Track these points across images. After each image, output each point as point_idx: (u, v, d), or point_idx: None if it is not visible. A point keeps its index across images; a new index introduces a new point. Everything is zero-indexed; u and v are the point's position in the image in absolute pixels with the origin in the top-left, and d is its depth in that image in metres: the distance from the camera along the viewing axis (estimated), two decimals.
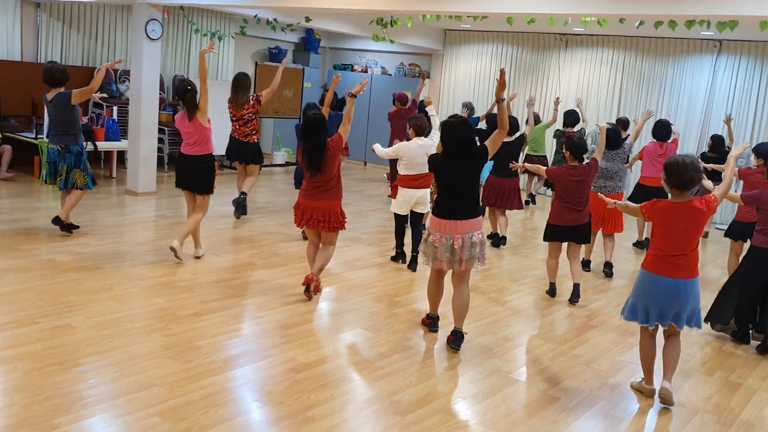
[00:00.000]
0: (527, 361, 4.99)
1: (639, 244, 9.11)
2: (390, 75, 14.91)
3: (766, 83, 11.08)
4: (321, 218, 5.68)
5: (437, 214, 4.92)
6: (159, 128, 10.44)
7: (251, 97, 8.37)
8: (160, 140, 11.05)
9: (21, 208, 8.15)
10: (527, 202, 11.50)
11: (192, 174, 6.49)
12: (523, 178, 11.82)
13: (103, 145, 10.27)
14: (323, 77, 15.62)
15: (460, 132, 4.82)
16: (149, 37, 9.23)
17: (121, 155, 11.02)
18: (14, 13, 10.49)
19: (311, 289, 5.75)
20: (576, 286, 6.42)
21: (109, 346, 4.52)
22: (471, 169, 4.86)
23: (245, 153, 8.50)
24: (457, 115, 5.02)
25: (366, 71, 15.05)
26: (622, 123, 9.87)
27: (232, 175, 11.62)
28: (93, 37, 11.38)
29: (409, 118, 7.19)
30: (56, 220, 7.04)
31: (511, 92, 13.42)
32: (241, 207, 8.40)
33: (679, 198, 4.19)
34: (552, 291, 6.55)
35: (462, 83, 14.06)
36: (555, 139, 10.89)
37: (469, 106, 11.18)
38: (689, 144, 11.67)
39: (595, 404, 4.35)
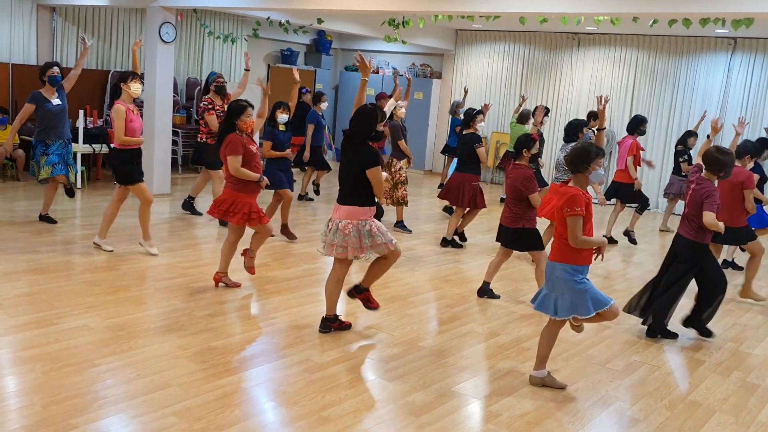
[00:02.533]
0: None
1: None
2: (401, 76, 14.89)
3: None
4: None
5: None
6: (173, 130, 10.50)
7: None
8: (174, 142, 11.11)
9: (37, 210, 8.21)
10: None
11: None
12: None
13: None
14: (335, 78, 15.66)
15: (354, 120, 4.89)
16: (163, 40, 9.29)
17: None
18: (30, 17, 10.60)
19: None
20: None
21: (126, 346, 4.55)
22: (354, 162, 4.81)
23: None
24: (374, 103, 5.07)
25: (377, 72, 15.07)
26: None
27: None
28: (107, 40, 11.48)
29: None
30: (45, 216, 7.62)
31: (523, 91, 13.41)
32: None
33: None
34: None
35: (474, 83, 14.03)
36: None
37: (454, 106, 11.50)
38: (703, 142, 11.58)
39: (610, 404, 4.34)
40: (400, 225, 8.80)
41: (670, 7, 6.04)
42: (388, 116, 7.22)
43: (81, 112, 9.66)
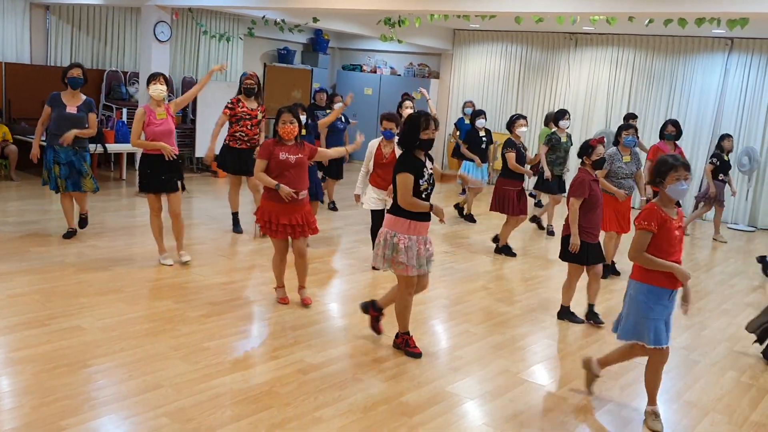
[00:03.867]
0: (536, 361, 4.97)
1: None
2: (399, 75, 14.90)
3: None
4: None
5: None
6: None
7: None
8: None
9: (31, 210, 8.20)
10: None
11: None
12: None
13: (113, 148, 10.31)
14: (332, 78, 15.64)
15: (401, 128, 4.68)
16: (158, 39, 9.28)
17: (131, 157, 11.07)
18: (23, 16, 10.56)
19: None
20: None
21: (118, 347, 4.53)
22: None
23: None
24: (423, 110, 4.81)
25: (375, 72, 15.06)
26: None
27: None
28: (102, 39, 11.45)
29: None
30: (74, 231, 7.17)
31: (520, 92, 13.40)
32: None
33: None
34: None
35: (471, 83, 14.03)
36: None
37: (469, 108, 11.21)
38: (701, 143, 11.60)
39: (604, 404, 4.32)
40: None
41: (665, 6, 6.03)
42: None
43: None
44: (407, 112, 8.49)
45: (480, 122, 9.43)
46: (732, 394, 4.65)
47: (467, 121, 10.94)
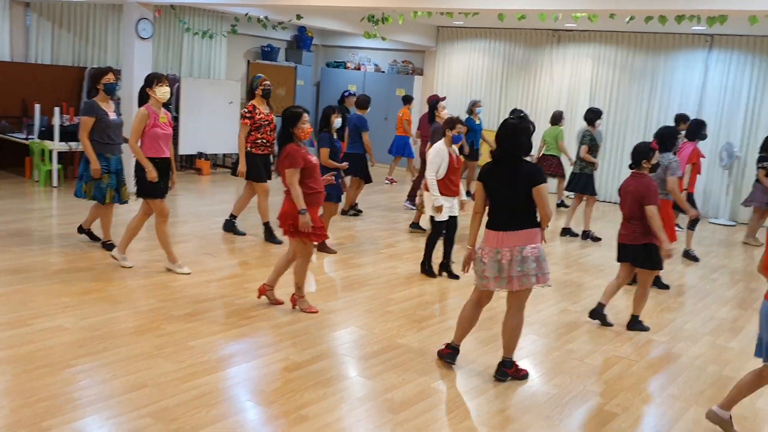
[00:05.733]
0: (521, 356, 4.98)
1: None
2: (383, 72, 14.89)
3: (757, 78, 11.12)
4: None
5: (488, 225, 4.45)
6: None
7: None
8: None
9: (13, 209, 8.12)
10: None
11: None
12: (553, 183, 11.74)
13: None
14: (316, 75, 15.61)
15: (505, 138, 4.36)
16: (140, 37, 9.20)
17: None
18: (3, 12, 10.43)
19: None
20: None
21: (101, 347, 4.50)
22: (517, 181, 4.33)
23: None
24: (516, 117, 4.53)
25: (359, 69, 15.04)
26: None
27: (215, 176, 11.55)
28: (84, 36, 11.34)
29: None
30: (86, 231, 6.97)
31: (503, 88, 13.45)
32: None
33: None
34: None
35: (455, 80, 14.05)
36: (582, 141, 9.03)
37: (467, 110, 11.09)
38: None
39: (588, 399, 4.35)
40: (416, 226, 8.65)
41: (645, 3, 6.07)
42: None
43: (57, 109, 9.53)
44: (444, 113, 8.43)
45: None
46: (714, 388, 4.70)
47: (477, 122, 10.93)
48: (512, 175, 4.29)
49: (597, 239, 8.98)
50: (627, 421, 4.11)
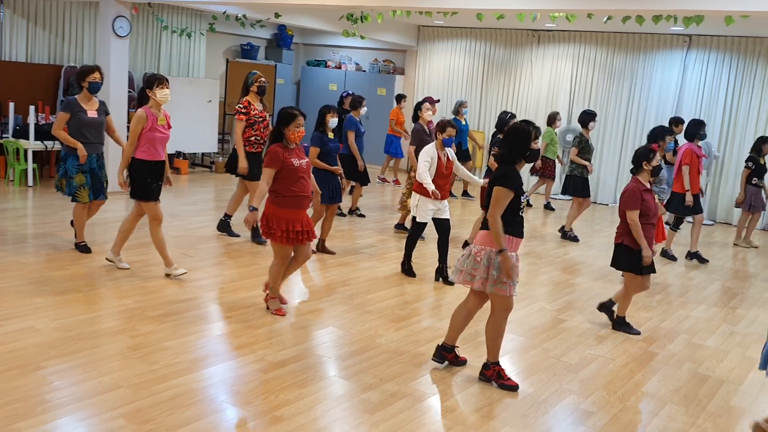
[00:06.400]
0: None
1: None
2: (364, 71, 14.87)
3: (735, 78, 11.23)
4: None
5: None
6: (128, 126, 10.29)
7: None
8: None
9: None
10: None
11: None
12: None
13: None
14: (296, 74, 15.55)
15: (506, 139, 4.39)
16: (117, 35, 9.11)
17: None
18: None
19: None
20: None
21: (74, 348, 4.44)
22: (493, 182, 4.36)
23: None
24: (527, 120, 4.54)
25: (340, 68, 15.01)
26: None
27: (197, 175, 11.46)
28: (59, 34, 11.19)
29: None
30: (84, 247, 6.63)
31: (484, 88, 13.49)
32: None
33: None
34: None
35: (436, 79, 14.06)
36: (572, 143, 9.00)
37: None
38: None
39: (564, 398, 4.37)
40: (401, 227, 8.59)
41: (622, 3, 6.11)
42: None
43: (32, 108, 9.41)
44: (427, 114, 8.42)
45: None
46: (689, 386, 4.73)
47: (463, 122, 10.95)
48: (495, 177, 4.32)
49: (575, 239, 9.01)
50: (603, 419, 4.12)
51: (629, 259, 5.51)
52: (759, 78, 11.05)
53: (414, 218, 6.60)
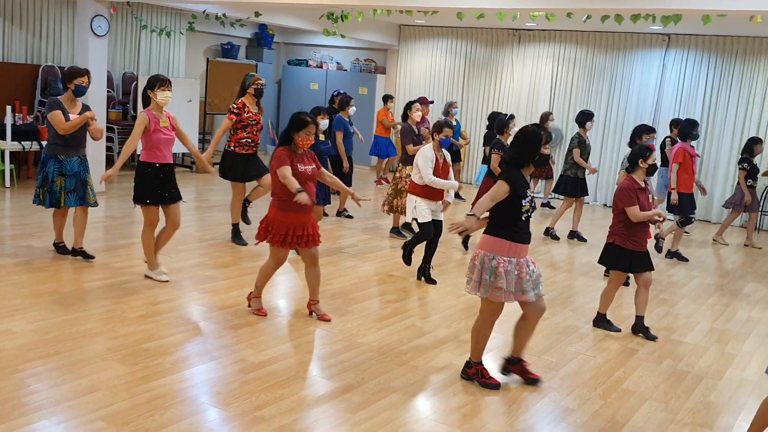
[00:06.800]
0: None
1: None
2: (345, 70, 14.85)
3: (713, 77, 11.35)
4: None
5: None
6: (108, 127, 10.22)
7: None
8: (110, 139, 10.81)
9: None
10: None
11: None
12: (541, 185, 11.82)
13: None
14: (277, 73, 15.50)
15: (515, 142, 4.30)
16: (95, 34, 9.02)
17: None
18: None
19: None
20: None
21: (52, 350, 4.38)
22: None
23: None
24: (537, 124, 4.44)
25: (321, 67, 14.97)
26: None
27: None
28: (36, 33, 11.06)
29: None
30: (79, 250, 6.41)
31: (465, 88, 13.53)
32: None
33: None
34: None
35: (417, 79, 14.08)
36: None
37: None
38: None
39: (545, 395, 4.39)
40: (396, 231, 8.47)
41: (601, 3, 6.15)
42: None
43: (8, 107, 9.29)
44: (417, 115, 8.38)
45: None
46: (668, 382, 4.77)
47: (454, 123, 10.92)
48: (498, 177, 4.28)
49: (556, 238, 9.07)
50: (583, 416, 4.15)
51: (618, 258, 5.54)
52: (737, 77, 11.17)
53: (417, 222, 6.56)
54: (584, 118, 8.83)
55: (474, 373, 4.47)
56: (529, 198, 4.21)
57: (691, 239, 9.89)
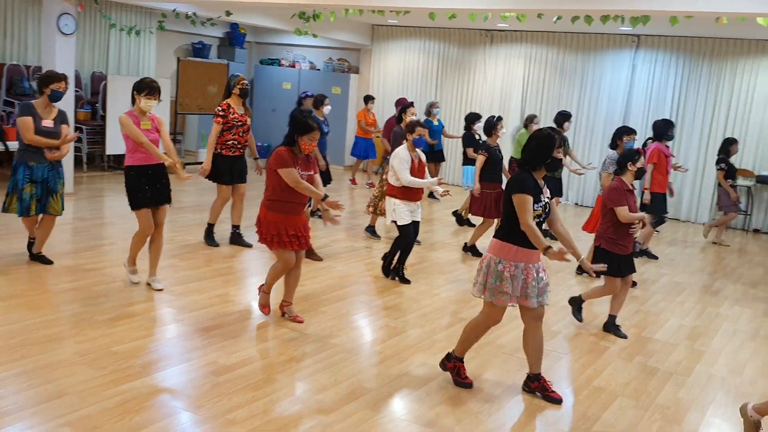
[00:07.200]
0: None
1: None
2: (318, 70, 14.80)
3: (682, 77, 11.51)
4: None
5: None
6: (76, 126, 10.05)
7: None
8: (78, 139, 10.64)
9: None
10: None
11: None
12: None
13: (14, 145, 9.78)
14: (249, 72, 15.38)
15: (528, 145, 4.21)
16: (62, 32, 8.86)
17: None
18: None
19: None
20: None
21: (18, 355, 4.29)
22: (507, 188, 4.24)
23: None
24: (552, 128, 4.42)
25: (294, 66, 14.90)
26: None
27: None
28: (1, 31, 10.85)
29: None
30: (37, 255, 6.28)
31: (438, 87, 13.55)
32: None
33: None
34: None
35: (391, 78, 14.08)
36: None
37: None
38: (609, 138, 12.00)
39: (518, 393, 4.40)
40: (370, 230, 8.44)
41: (571, 3, 6.19)
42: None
43: None
44: (412, 119, 8.31)
45: (478, 126, 9.30)
46: (639, 379, 4.82)
47: (435, 123, 10.95)
48: (509, 185, 4.21)
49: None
50: (555, 414, 4.17)
51: (606, 262, 5.54)
52: (705, 77, 11.34)
53: (396, 224, 6.52)
54: (562, 118, 8.89)
55: (452, 367, 4.47)
56: (543, 203, 4.14)
57: (660, 237, 10.02)
